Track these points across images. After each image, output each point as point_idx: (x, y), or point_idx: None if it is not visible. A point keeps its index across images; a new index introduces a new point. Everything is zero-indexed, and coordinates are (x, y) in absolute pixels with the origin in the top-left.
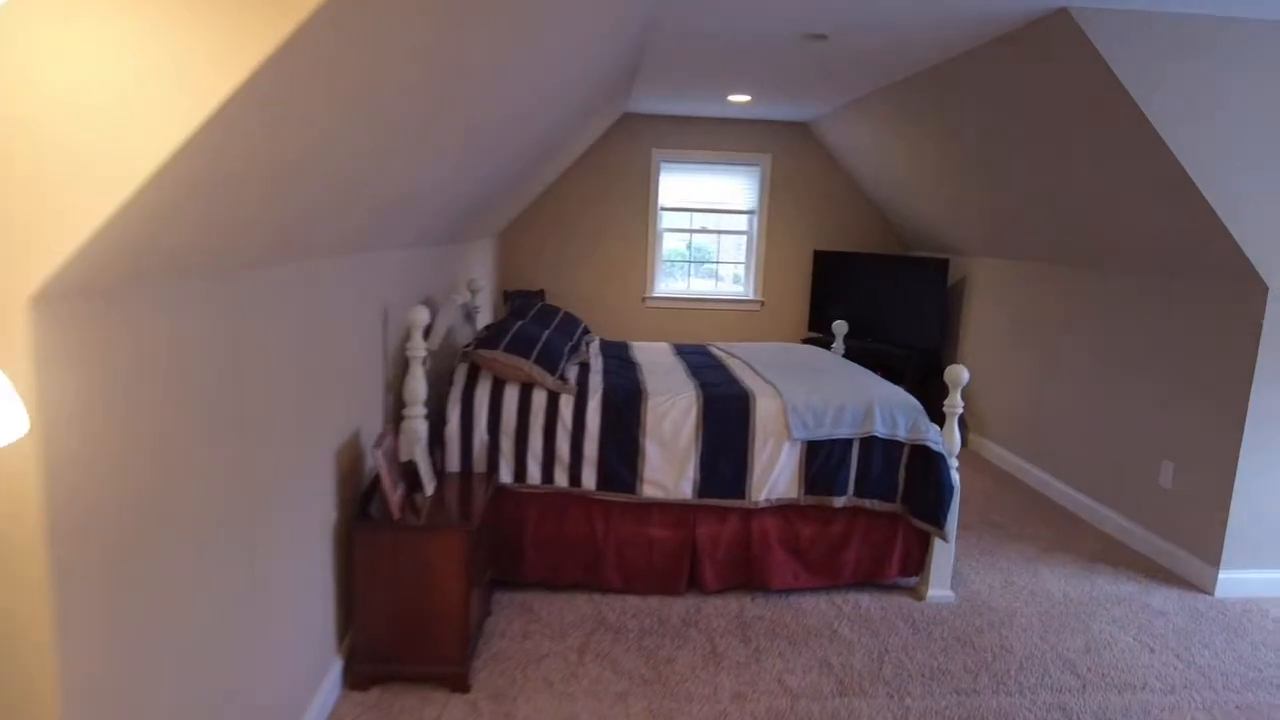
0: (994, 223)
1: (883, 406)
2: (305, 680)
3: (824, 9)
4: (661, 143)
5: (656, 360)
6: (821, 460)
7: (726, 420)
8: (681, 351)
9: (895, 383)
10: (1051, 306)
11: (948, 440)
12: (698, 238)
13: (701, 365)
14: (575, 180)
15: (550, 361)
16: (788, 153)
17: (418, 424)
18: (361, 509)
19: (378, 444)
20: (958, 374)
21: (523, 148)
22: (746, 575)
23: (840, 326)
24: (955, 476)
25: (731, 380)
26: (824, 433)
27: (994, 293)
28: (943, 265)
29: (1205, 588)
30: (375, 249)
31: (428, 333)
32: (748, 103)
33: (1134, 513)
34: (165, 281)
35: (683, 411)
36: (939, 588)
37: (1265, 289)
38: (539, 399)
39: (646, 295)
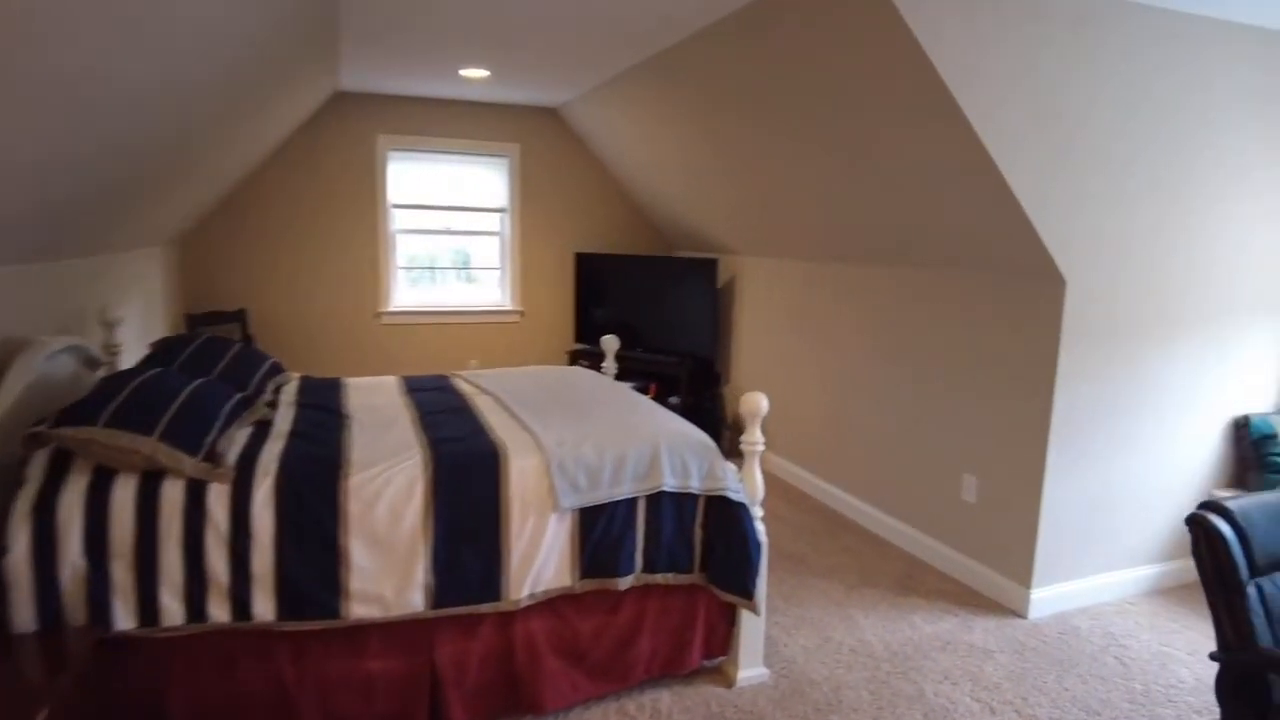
0: (764, 218)
1: (671, 451)
2: None
3: None
4: (389, 127)
5: (375, 406)
6: (600, 531)
7: (469, 492)
8: (413, 389)
9: (671, 394)
10: (836, 308)
11: (748, 485)
12: (444, 240)
13: (437, 409)
14: (280, 172)
15: (191, 432)
16: (538, 142)
17: None
18: None
19: None
20: (755, 403)
21: (168, 127)
22: (511, 700)
23: (610, 342)
24: (761, 529)
25: (476, 430)
26: (601, 494)
27: (769, 294)
28: (711, 266)
29: (1019, 610)
30: None
31: None
32: (486, 80)
33: (937, 531)
34: None
35: (404, 487)
36: (750, 666)
37: (1063, 282)
38: (172, 493)
39: (381, 310)
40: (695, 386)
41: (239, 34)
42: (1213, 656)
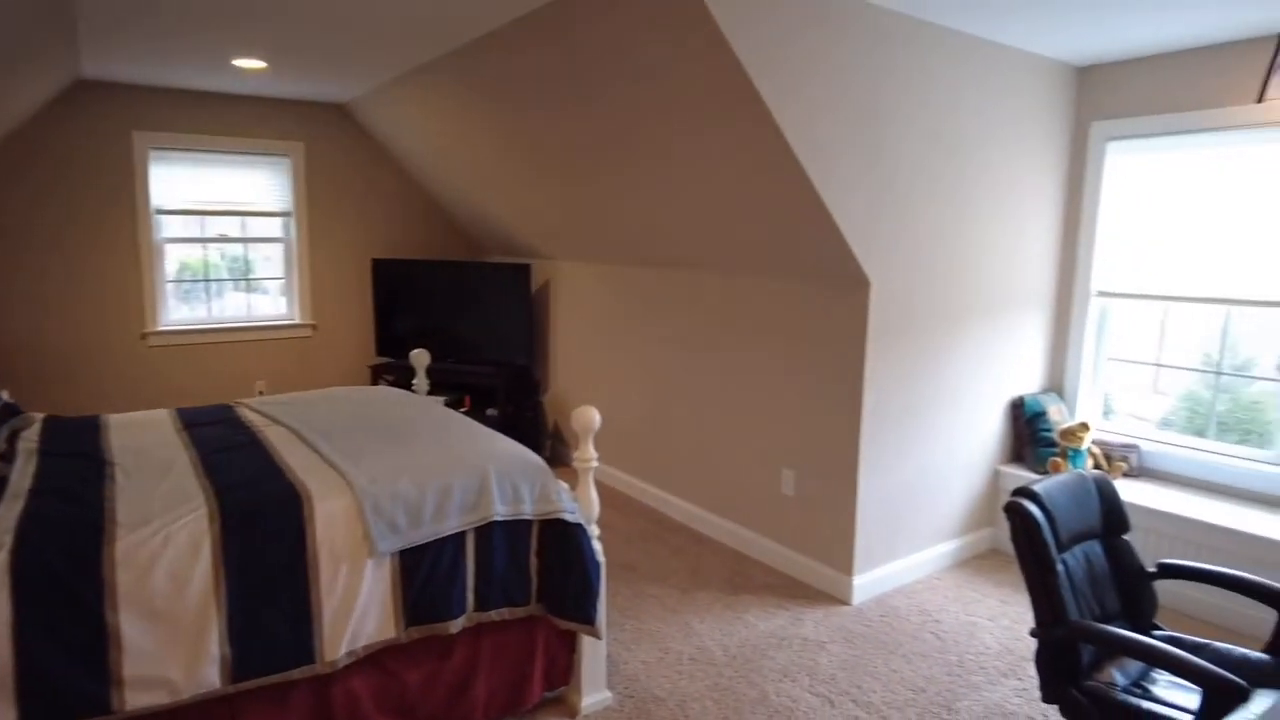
0: (577, 222)
1: (500, 476)
2: None
3: None
4: (148, 124)
5: (144, 449)
6: (426, 572)
7: (267, 545)
8: (190, 424)
9: (488, 405)
10: (654, 312)
11: (583, 504)
12: (222, 249)
13: (222, 447)
14: (10, 174)
15: None
16: (325, 141)
17: None
18: None
19: None
20: (588, 419)
21: None
22: None
23: (420, 357)
24: (598, 549)
25: (271, 471)
26: (425, 532)
27: (585, 299)
28: (524, 271)
29: (843, 597)
30: None
31: None
32: (263, 72)
33: (761, 526)
34: None
35: (187, 547)
36: (594, 692)
37: (868, 284)
38: None
39: (148, 330)
40: (513, 397)
41: None
42: (1032, 633)
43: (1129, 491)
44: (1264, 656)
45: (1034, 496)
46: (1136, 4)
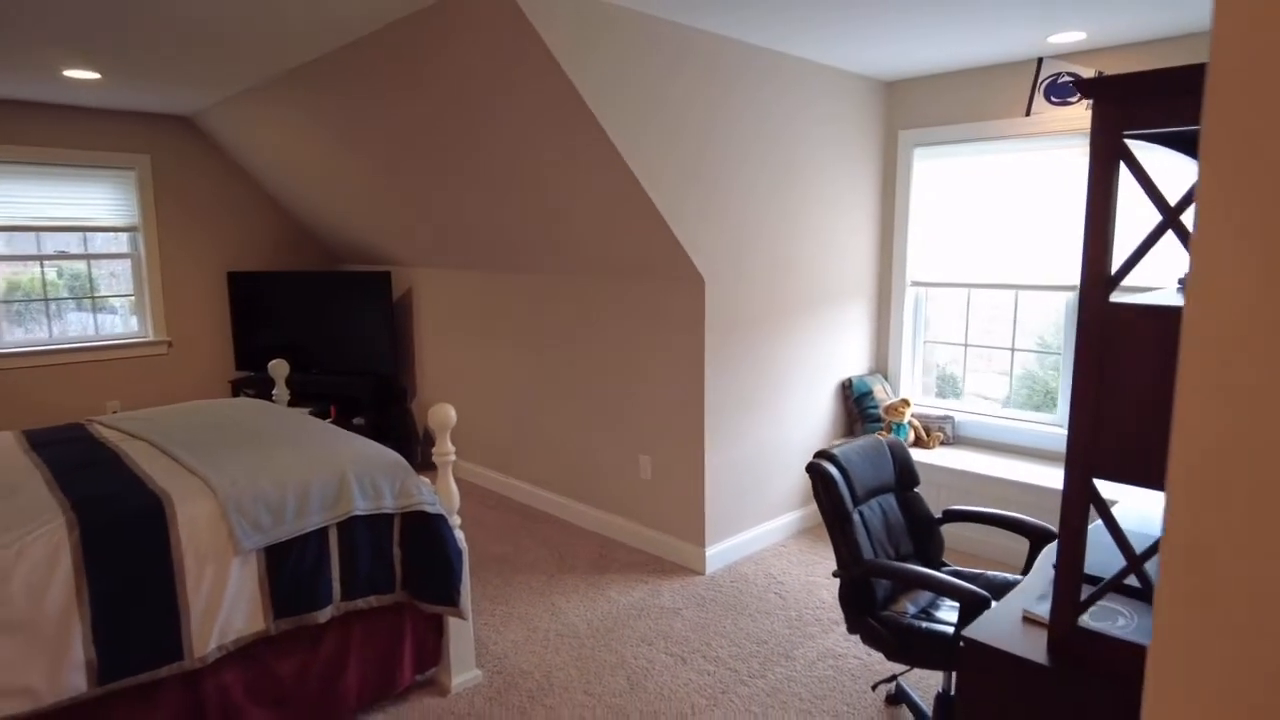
0: (431, 230)
1: (359, 473)
2: None
3: None
4: None
5: None
6: (291, 567)
7: (129, 551)
8: (38, 444)
9: (354, 414)
10: (510, 315)
11: (444, 496)
12: (61, 266)
13: (75, 464)
14: None
15: None
16: (171, 154)
17: None
18: None
19: None
20: (444, 415)
21: None
22: None
23: (279, 367)
24: (461, 537)
25: (130, 481)
26: (287, 529)
27: (445, 305)
28: (384, 279)
29: (697, 568)
30: None
31: None
32: (99, 83)
33: (622, 509)
34: None
35: (43, 559)
36: (463, 671)
37: (702, 281)
38: None
39: None
40: (380, 404)
41: None
42: (834, 574)
43: (943, 457)
44: (1019, 577)
45: (831, 457)
46: (920, 29)
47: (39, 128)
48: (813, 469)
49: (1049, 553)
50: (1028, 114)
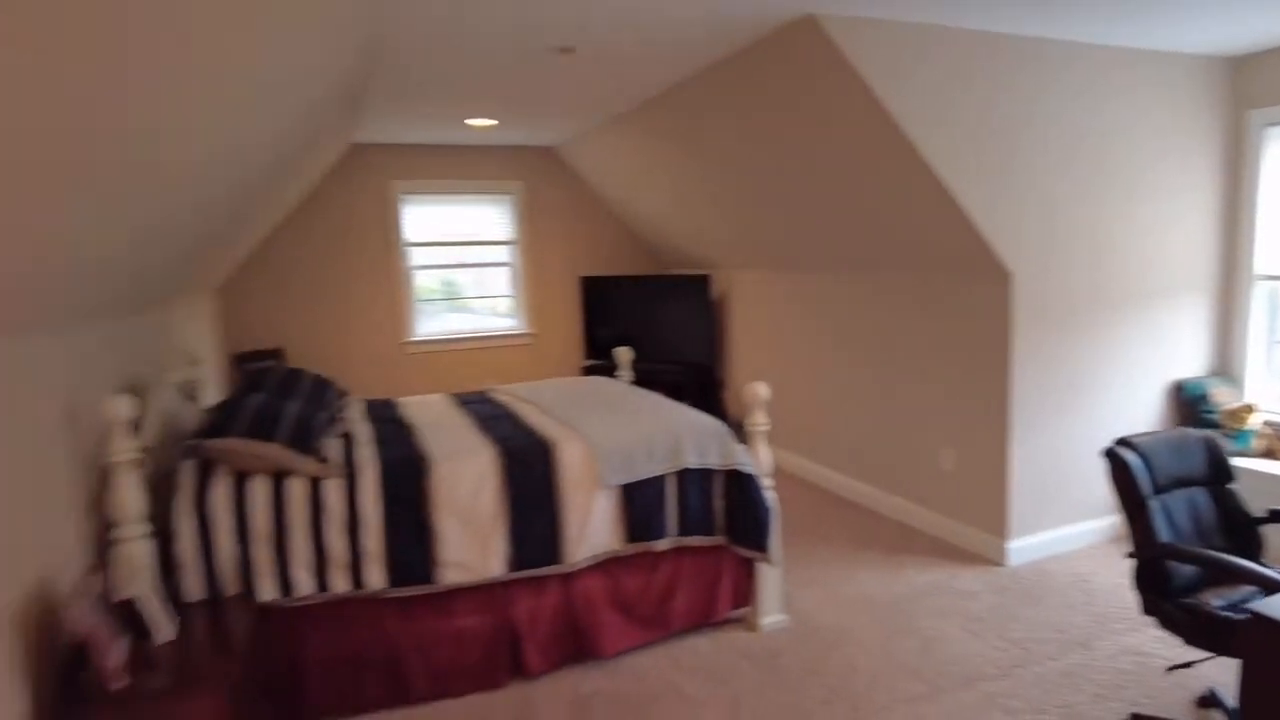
0: (749, 236)
1: (691, 435)
2: None
3: (569, 18)
4: (401, 174)
5: (435, 417)
6: (639, 503)
7: (531, 477)
8: (464, 403)
9: (677, 399)
10: (820, 312)
11: (757, 460)
12: (458, 273)
13: (489, 416)
14: (305, 221)
15: (304, 440)
16: (539, 179)
17: (136, 548)
18: (67, 685)
19: (78, 590)
20: (757, 392)
21: (232, 188)
22: (575, 646)
23: (624, 353)
24: (771, 496)
25: (527, 430)
26: (637, 473)
27: (758, 303)
28: (704, 281)
29: (998, 560)
30: (38, 329)
31: (137, 428)
32: (492, 127)
33: (923, 498)
34: None
35: (479, 475)
36: (771, 614)
37: (1009, 276)
38: (297, 489)
39: (406, 340)
40: (699, 391)
41: (297, 100)
42: (1129, 555)
43: None
44: None
45: (1129, 444)
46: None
47: (444, 165)
48: (1109, 453)
49: None
50: None
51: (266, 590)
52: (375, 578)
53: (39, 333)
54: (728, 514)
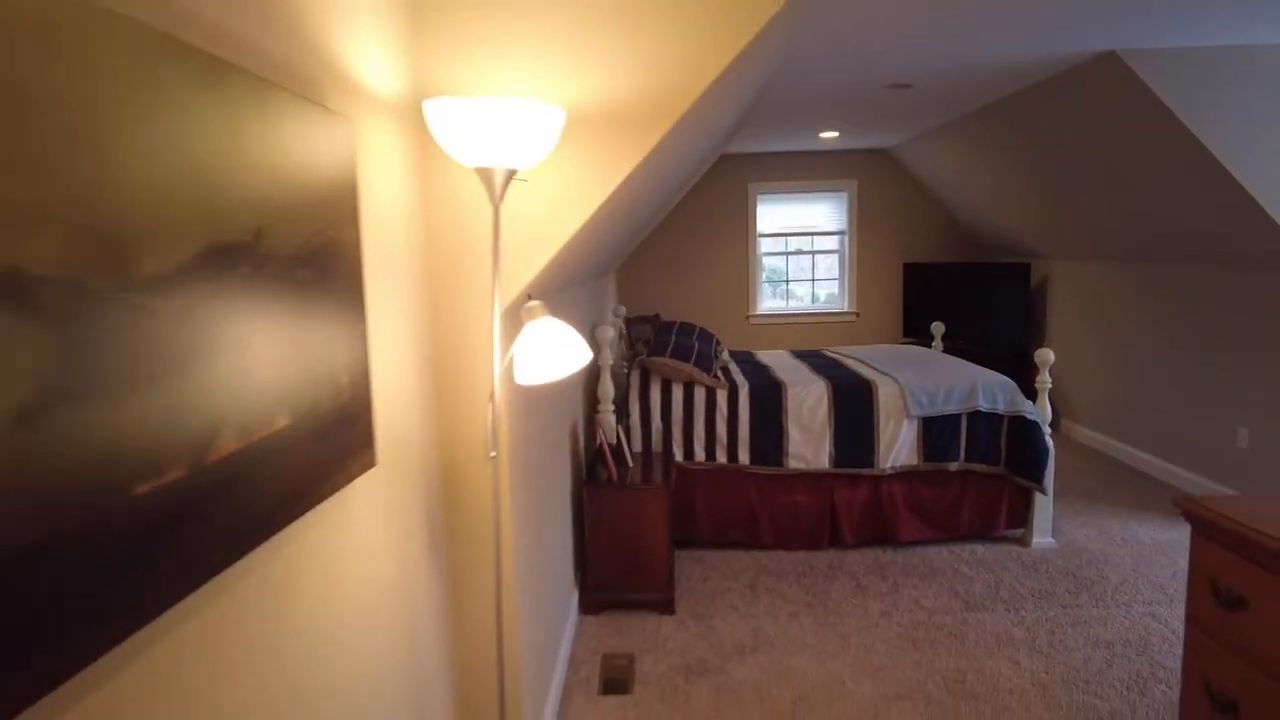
0: (1069, 229)
1: (984, 386)
2: (564, 600)
3: (910, 63)
4: (757, 178)
5: (782, 363)
6: (936, 432)
7: (854, 403)
8: (800, 356)
9: None
10: (1126, 299)
11: (1041, 412)
12: (794, 258)
13: (822, 364)
14: (680, 217)
15: (705, 364)
16: (872, 177)
17: (609, 417)
18: (588, 474)
19: (597, 428)
20: (1045, 355)
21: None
22: (879, 532)
23: (937, 327)
24: (1049, 441)
25: (853, 374)
26: (936, 409)
27: (1073, 291)
28: (1024, 269)
29: None
30: (577, 283)
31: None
32: (835, 138)
33: (1215, 474)
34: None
35: (816, 399)
36: (1042, 536)
37: None
38: (699, 394)
39: (750, 314)
40: (1011, 373)
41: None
42: None
43: None
44: None
45: None
46: None
47: (791, 168)
48: None
49: None
50: None
51: (677, 454)
52: (743, 457)
53: (575, 285)
54: (1010, 451)
